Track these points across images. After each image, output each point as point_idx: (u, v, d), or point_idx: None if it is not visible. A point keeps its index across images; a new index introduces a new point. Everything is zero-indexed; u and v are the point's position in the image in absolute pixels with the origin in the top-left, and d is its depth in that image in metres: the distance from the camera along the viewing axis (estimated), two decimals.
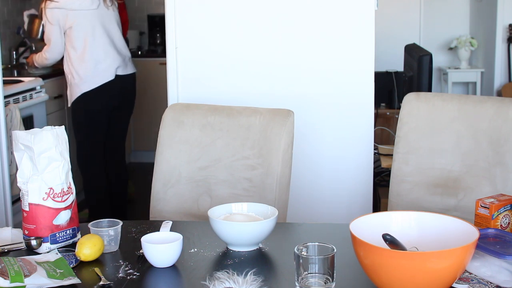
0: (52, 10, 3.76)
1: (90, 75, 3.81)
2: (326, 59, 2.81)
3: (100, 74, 3.83)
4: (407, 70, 3.60)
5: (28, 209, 1.70)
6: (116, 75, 3.90)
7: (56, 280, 1.47)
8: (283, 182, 2.16)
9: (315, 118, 2.84)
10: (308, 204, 2.87)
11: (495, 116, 2.08)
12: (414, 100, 2.21)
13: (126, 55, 4.01)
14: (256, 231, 1.67)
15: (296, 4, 2.78)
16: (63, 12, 3.75)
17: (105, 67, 3.84)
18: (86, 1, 3.77)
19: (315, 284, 1.41)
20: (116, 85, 3.91)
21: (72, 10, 3.75)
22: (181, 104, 2.39)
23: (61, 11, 3.75)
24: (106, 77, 3.85)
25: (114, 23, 3.94)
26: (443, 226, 1.51)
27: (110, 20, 3.91)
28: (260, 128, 2.20)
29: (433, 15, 6.24)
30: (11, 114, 3.79)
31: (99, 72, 3.82)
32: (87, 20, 3.80)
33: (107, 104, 3.93)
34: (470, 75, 6.12)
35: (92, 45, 3.81)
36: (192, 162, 2.25)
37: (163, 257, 1.58)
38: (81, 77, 3.80)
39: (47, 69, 4.53)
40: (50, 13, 3.76)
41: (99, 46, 3.83)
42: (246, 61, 2.85)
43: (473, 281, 1.45)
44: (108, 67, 3.86)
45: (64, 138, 1.77)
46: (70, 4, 3.74)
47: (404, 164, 2.19)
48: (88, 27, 3.80)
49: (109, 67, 3.86)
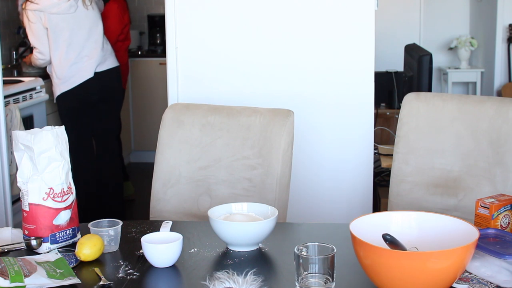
0: (33, 12, 3.83)
1: (68, 76, 3.91)
2: (326, 59, 2.81)
3: (77, 74, 3.92)
4: (407, 70, 3.60)
5: (28, 209, 1.70)
6: (95, 72, 3.98)
7: (56, 280, 1.47)
8: (283, 182, 2.16)
9: (315, 118, 2.84)
10: (308, 204, 2.87)
11: (495, 116, 2.08)
12: (414, 100, 2.21)
13: (107, 51, 4.06)
14: (256, 231, 1.67)
15: (296, 4, 2.78)
16: (42, 14, 3.82)
17: (81, 67, 3.92)
18: (65, 6, 3.83)
19: (315, 284, 1.41)
20: (95, 82, 3.98)
21: (51, 13, 3.81)
22: (181, 104, 2.39)
23: (41, 14, 3.81)
24: (84, 76, 3.94)
25: (94, 22, 3.98)
26: (443, 226, 1.51)
27: (90, 20, 3.96)
28: (260, 128, 2.20)
29: (433, 15, 6.24)
30: (11, 114, 3.79)
31: (74, 72, 3.91)
32: (65, 23, 3.86)
33: (86, 100, 4.01)
34: (470, 75, 6.12)
35: (69, 47, 3.88)
36: (192, 162, 2.25)
37: (163, 257, 1.58)
38: (59, 77, 3.91)
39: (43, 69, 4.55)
40: (31, 14, 3.83)
41: (75, 49, 3.90)
42: (246, 61, 2.85)
43: (473, 281, 1.45)
44: (85, 67, 3.94)
45: (64, 138, 1.77)
46: (50, 8, 3.81)
47: (404, 164, 2.19)
48: (65, 30, 3.86)
49: (87, 66, 3.94)
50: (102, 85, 4.04)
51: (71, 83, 3.92)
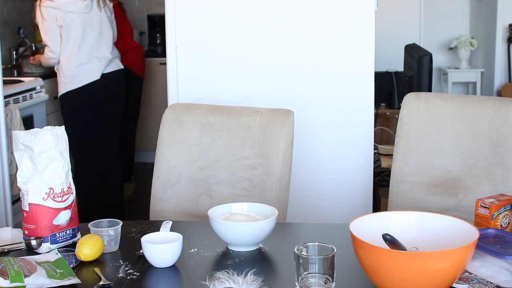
0: (47, 9, 3.79)
1: (74, 75, 3.89)
2: (326, 59, 2.81)
3: (83, 75, 3.91)
4: (407, 70, 3.60)
5: (28, 209, 1.70)
6: (102, 73, 3.98)
7: (56, 280, 1.47)
8: (283, 182, 2.16)
9: (315, 118, 2.84)
10: (308, 204, 2.87)
11: (495, 116, 2.08)
12: (414, 100, 2.21)
13: (114, 54, 4.08)
14: (256, 231, 1.67)
15: (296, 4, 2.78)
16: (57, 12, 3.79)
17: (88, 69, 3.92)
18: (80, 5, 3.83)
19: (315, 284, 1.41)
20: (100, 84, 3.98)
21: (67, 12, 3.80)
22: (181, 104, 2.39)
23: (56, 11, 3.79)
24: (91, 77, 3.93)
25: (106, 24, 3.99)
26: (443, 226, 1.51)
27: (102, 22, 3.97)
28: (260, 128, 2.20)
29: (433, 15, 6.24)
30: (11, 114, 3.79)
31: (82, 73, 3.90)
32: (79, 23, 3.85)
33: (90, 101, 4.00)
34: (470, 75, 6.12)
35: (79, 47, 3.87)
36: (192, 162, 2.25)
37: (163, 257, 1.58)
38: (65, 76, 3.89)
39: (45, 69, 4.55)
40: (46, 11, 3.80)
41: (85, 49, 3.89)
42: (246, 61, 2.85)
43: (473, 281, 1.45)
44: (93, 68, 3.93)
45: (64, 138, 1.77)
46: (66, 6, 3.79)
47: (404, 164, 2.19)
48: (78, 29, 3.85)
49: (95, 68, 3.94)
50: (106, 87, 4.04)
51: (77, 83, 3.90)
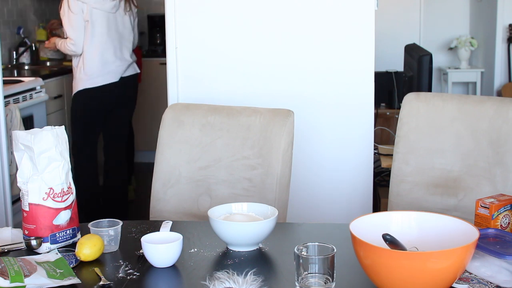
0: (76, 1, 3.80)
1: (96, 74, 3.89)
2: (326, 59, 2.81)
3: (105, 75, 3.92)
4: (407, 70, 3.60)
5: (28, 209, 1.70)
6: (121, 77, 4.01)
7: (56, 280, 1.47)
8: (283, 182, 2.16)
9: (315, 118, 2.84)
10: (308, 204, 2.87)
11: (495, 116, 2.08)
12: (414, 100, 2.21)
13: (133, 59, 4.13)
14: (256, 231, 1.67)
15: (296, 4, 2.78)
16: (85, 6, 3.80)
17: (112, 69, 3.94)
18: (109, 4, 3.85)
19: (315, 284, 1.41)
20: (117, 87, 4.00)
21: (94, 8, 3.80)
22: (181, 104, 2.39)
23: (84, 5, 3.80)
24: (111, 79, 3.95)
25: (128, 28, 4.03)
26: (443, 226, 1.51)
27: (124, 25, 4.00)
28: (260, 128, 2.20)
29: (433, 15, 6.24)
30: (11, 114, 3.79)
31: (105, 73, 3.91)
32: (105, 21, 3.86)
33: (105, 101, 4.01)
34: (470, 75, 6.12)
35: (105, 46, 3.88)
36: (192, 162, 2.25)
37: (163, 257, 1.58)
38: (87, 73, 3.88)
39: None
40: (74, 3, 3.80)
41: (110, 48, 3.91)
42: (246, 61, 2.85)
43: (473, 281, 1.45)
44: (115, 69, 3.96)
45: (64, 138, 1.77)
46: (93, 2, 3.80)
47: (404, 164, 2.19)
48: (104, 27, 3.87)
49: (116, 70, 3.97)
50: (123, 91, 4.06)
51: (96, 82, 3.90)
